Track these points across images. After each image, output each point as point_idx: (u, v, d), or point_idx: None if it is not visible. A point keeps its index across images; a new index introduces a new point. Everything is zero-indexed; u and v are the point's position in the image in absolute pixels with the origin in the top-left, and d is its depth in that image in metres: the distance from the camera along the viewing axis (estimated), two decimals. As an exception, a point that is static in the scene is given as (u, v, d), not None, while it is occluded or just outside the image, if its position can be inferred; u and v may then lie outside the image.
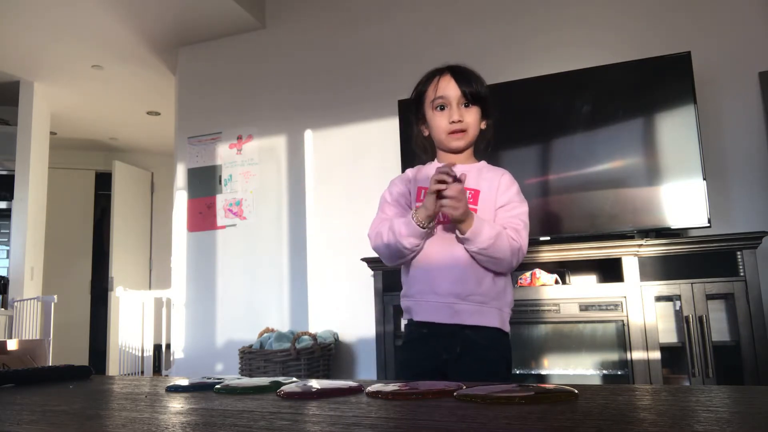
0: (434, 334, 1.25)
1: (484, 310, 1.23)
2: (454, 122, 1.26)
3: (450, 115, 1.27)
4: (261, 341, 2.86)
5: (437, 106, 1.29)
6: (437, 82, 1.29)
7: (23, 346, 2.82)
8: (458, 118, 1.26)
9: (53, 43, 3.83)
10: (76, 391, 0.85)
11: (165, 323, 4.50)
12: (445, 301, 1.23)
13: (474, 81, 1.29)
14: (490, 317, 1.24)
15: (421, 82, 1.35)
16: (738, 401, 0.61)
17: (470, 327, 1.23)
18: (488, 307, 1.24)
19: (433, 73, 1.33)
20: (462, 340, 1.23)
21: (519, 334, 2.49)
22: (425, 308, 1.26)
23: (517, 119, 2.66)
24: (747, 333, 2.10)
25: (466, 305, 1.22)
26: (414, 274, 1.28)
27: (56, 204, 5.30)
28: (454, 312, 1.23)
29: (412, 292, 1.28)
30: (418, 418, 0.55)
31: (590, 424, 0.47)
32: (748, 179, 2.54)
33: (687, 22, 2.70)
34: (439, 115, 1.29)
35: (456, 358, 1.23)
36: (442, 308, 1.23)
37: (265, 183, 3.46)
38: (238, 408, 0.63)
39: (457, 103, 1.27)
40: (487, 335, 1.24)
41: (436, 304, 1.24)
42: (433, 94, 1.30)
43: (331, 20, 3.44)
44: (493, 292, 1.24)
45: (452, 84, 1.28)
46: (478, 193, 1.28)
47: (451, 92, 1.27)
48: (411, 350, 1.31)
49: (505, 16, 3.03)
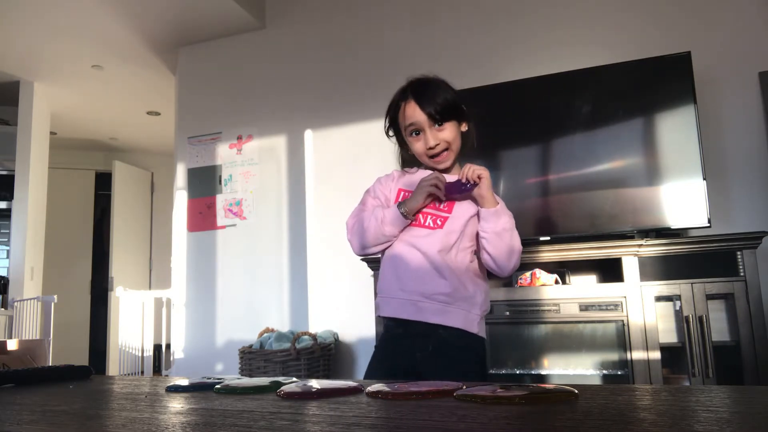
0: (408, 333, 1.27)
1: (449, 310, 1.24)
2: (431, 148, 1.28)
3: (425, 140, 1.28)
4: (261, 341, 2.86)
5: (411, 132, 1.30)
6: (404, 109, 1.30)
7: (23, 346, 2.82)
8: (433, 143, 1.27)
9: (53, 43, 3.83)
10: (76, 391, 0.85)
11: (165, 323, 4.50)
12: (409, 298, 1.26)
13: (437, 96, 1.27)
14: (454, 318, 1.25)
15: (390, 107, 1.37)
16: (738, 401, 0.61)
17: (442, 327, 1.25)
18: (453, 308, 1.25)
19: (397, 99, 1.34)
20: (435, 340, 1.25)
21: (519, 334, 2.49)
22: (392, 305, 1.29)
23: (517, 119, 2.66)
24: (747, 333, 2.10)
25: (430, 304, 1.24)
26: (384, 273, 1.32)
27: (56, 204, 5.30)
28: (417, 309, 1.25)
29: (380, 289, 1.32)
30: (418, 418, 0.55)
31: (590, 424, 0.47)
32: (748, 179, 2.54)
33: (687, 22, 2.70)
34: (416, 140, 1.30)
35: (427, 356, 1.25)
36: (407, 305, 1.26)
37: (265, 183, 3.46)
38: (238, 408, 0.63)
39: (428, 126, 1.27)
40: (461, 336, 1.26)
41: (401, 301, 1.27)
42: (403, 122, 1.31)
43: (330, 20, 3.44)
44: (461, 294, 1.25)
45: (417, 109, 1.27)
46: (453, 203, 1.30)
47: (418, 117, 1.27)
48: (384, 348, 1.33)
49: (505, 16, 3.03)
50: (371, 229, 1.29)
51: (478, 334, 1.28)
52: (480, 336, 1.29)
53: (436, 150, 1.28)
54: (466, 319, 1.26)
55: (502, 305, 2.40)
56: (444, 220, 1.28)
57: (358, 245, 1.34)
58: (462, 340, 1.26)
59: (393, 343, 1.31)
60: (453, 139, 1.29)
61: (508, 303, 2.40)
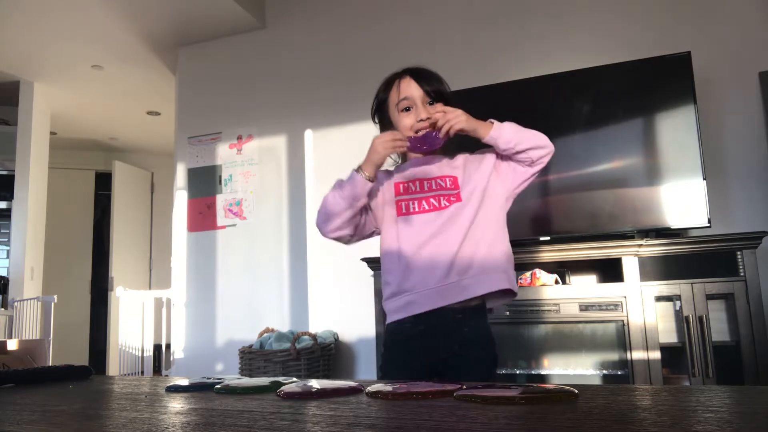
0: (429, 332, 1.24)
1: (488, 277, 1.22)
2: (422, 120, 1.27)
3: (417, 114, 1.28)
4: (261, 341, 2.86)
5: (402, 108, 1.30)
6: (398, 85, 1.31)
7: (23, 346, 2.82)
8: (425, 116, 1.27)
9: (53, 43, 3.83)
10: (76, 391, 0.85)
11: (165, 323, 4.50)
12: (451, 282, 1.21)
13: (434, 80, 1.31)
14: (498, 280, 1.23)
15: (381, 89, 1.36)
16: (738, 401, 0.61)
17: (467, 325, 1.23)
18: (492, 274, 1.23)
19: (392, 77, 1.35)
20: (459, 337, 1.23)
21: (519, 334, 2.49)
22: (428, 296, 1.21)
23: (517, 119, 2.65)
24: (747, 333, 2.10)
25: (469, 280, 1.21)
26: (410, 266, 1.24)
27: (56, 204, 5.31)
28: (461, 289, 1.21)
29: (409, 286, 1.24)
30: (418, 418, 0.55)
31: (590, 424, 0.47)
32: (748, 179, 2.54)
33: (687, 22, 2.70)
34: (405, 115, 1.30)
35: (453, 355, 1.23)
36: (449, 289, 1.21)
37: (265, 183, 3.46)
38: (238, 408, 0.63)
39: (421, 102, 1.28)
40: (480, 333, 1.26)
41: (440, 289, 1.21)
42: (396, 97, 1.30)
43: (331, 20, 3.44)
44: (493, 258, 1.24)
45: (413, 84, 1.29)
46: (456, 178, 1.29)
47: (414, 92, 1.28)
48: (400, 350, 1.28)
49: (505, 16, 3.03)
50: (330, 198, 1.27)
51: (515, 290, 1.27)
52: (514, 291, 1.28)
53: (425, 124, 1.26)
54: (508, 279, 1.24)
55: (502, 305, 2.40)
56: (456, 196, 1.26)
57: (321, 220, 1.30)
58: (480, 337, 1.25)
59: (411, 343, 1.26)
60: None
61: (508, 303, 2.39)
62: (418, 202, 1.28)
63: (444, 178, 1.29)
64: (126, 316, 4.65)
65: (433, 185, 1.29)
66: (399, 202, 1.29)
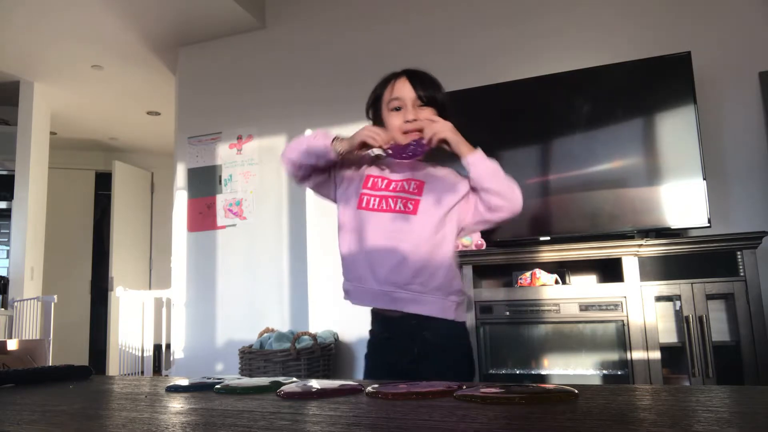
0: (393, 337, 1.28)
1: (424, 299, 1.25)
2: (408, 121, 1.28)
3: (405, 115, 1.29)
4: (261, 341, 2.86)
5: (393, 107, 1.31)
6: (393, 85, 1.33)
7: (23, 346, 2.82)
8: (413, 117, 1.28)
9: (53, 43, 3.83)
10: (76, 391, 0.85)
11: (165, 323, 4.50)
12: (382, 289, 1.26)
13: (429, 85, 1.32)
14: (430, 306, 1.25)
15: (378, 85, 1.38)
16: (738, 401, 0.61)
17: (427, 328, 1.26)
18: (429, 297, 1.25)
19: (390, 76, 1.36)
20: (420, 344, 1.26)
21: (519, 334, 2.49)
22: (364, 294, 1.29)
23: (517, 119, 2.66)
24: (747, 333, 2.10)
25: (405, 293, 1.25)
26: (356, 259, 1.30)
27: (56, 204, 5.30)
28: (391, 300, 1.25)
29: (352, 277, 1.32)
30: (418, 418, 0.55)
31: (590, 424, 0.47)
32: (748, 179, 2.54)
33: (687, 22, 2.70)
34: (395, 115, 1.31)
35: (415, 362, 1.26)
36: (381, 295, 1.26)
37: (265, 183, 3.46)
38: (238, 408, 0.63)
39: (411, 104, 1.29)
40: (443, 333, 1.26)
41: (374, 291, 1.27)
42: (389, 96, 1.32)
43: (331, 20, 3.44)
44: (435, 282, 1.25)
45: (407, 86, 1.30)
46: (423, 184, 1.30)
47: (406, 93, 1.30)
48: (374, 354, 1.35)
49: (505, 16, 3.03)
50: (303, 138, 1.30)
51: (456, 320, 1.28)
52: (459, 321, 1.30)
53: (411, 125, 1.28)
54: (443, 307, 1.26)
55: (502, 305, 2.40)
56: (415, 203, 1.27)
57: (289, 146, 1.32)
58: (445, 338, 1.27)
59: (381, 348, 1.32)
60: None
61: (508, 303, 2.39)
62: (379, 199, 1.30)
63: (410, 181, 1.31)
64: (126, 316, 4.64)
65: (398, 187, 1.31)
66: (362, 194, 1.32)
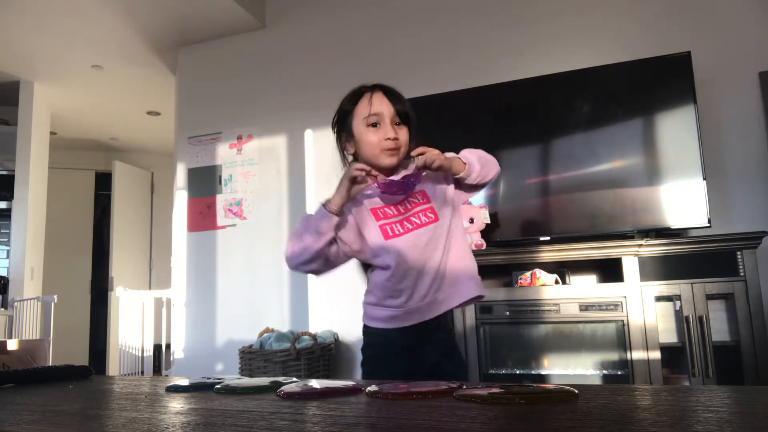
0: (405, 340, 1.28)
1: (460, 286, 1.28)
2: (390, 139, 1.25)
3: (385, 132, 1.26)
4: (261, 341, 2.86)
5: (371, 123, 1.27)
6: (370, 99, 1.28)
7: (23, 346, 2.82)
8: (394, 136, 1.25)
9: (53, 43, 3.83)
10: (76, 391, 0.85)
11: (165, 323, 4.50)
12: (430, 300, 1.27)
13: (404, 101, 1.30)
14: (468, 290, 1.29)
15: (347, 100, 1.34)
16: (738, 401, 0.61)
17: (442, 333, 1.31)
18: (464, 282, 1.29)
19: (360, 90, 1.33)
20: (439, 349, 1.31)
21: (519, 334, 2.49)
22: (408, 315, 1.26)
23: (517, 119, 2.66)
24: (747, 333, 2.10)
25: (444, 293, 1.28)
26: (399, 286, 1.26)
27: (56, 204, 5.30)
28: (439, 303, 1.27)
29: (394, 304, 1.27)
30: (418, 418, 0.55)
31: (590, 424, 0.47)
32: (748, 179, 2.54)
33: (687, 22, 2.70)
34: (373, 131, 1.27)
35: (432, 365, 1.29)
36: (431, 306, 1.27)
37: (265, 183, 3.46)
38: (238, 408, 0.63)
39: (390, 121, 1.27)
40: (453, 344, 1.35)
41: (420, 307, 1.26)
42: (366, 111, 1.27)
43: (330, 20, 3.44)
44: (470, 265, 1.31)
45: (386, 101, 1.27)
46: (424, 191, 1.31)
47: (385, 109, 1.26)
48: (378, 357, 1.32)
49: (505, 16, 3.03)
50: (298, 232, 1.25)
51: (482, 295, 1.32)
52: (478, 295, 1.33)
53: (393, 143, 1.24)
54: (477, 285, 1.30)
55: (502, 305, 2.40)
56: (431, 210, 1.28)
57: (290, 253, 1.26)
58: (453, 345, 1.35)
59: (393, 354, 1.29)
60: (406, 144, 1.29)
61: (508, 303, 2.39)
62: (400, 223, 1.27)
63: (415, 194, 1.30)
64: (126, 316, 4.64)
65: (408, 205, 1.29)
66: (383, 226, 1.27)
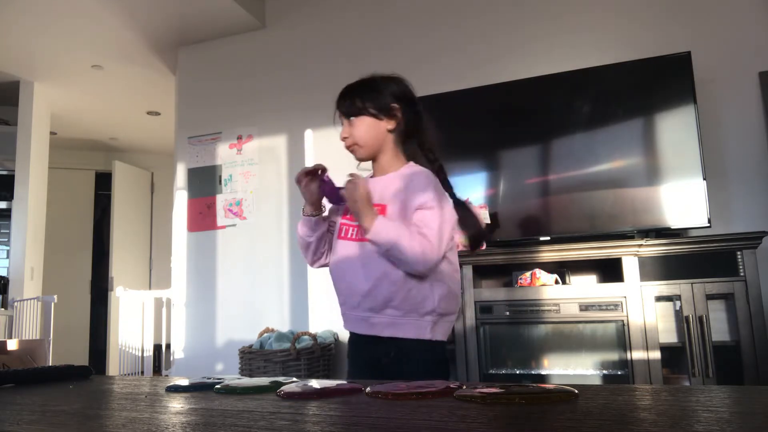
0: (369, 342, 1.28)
1: (400, 322, 1.23)
2: (342, 138, 1.34)
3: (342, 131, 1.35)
4: (261, 341, 2.86)
5: (339, 124, 1.37)
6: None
7: (23, 346, 2.82)
8: (343, 135, 1.33)
9: (53, 43, 3.83)
10: (76, 391, 0.85)
11: (165, 323, 4.50)
12: (361, 315, 1.27)
13: (350, 94, 1.32)
14: (406, 329, 1.22)
15: None
16: (738, 401, 0.61)
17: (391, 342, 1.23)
18: (404, 319, 1.22)
19: None
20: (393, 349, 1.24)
21: (519, 334, 2.49)
22: (349, 320, 1.32)
23: (517, 119, 2.66)
24: (747, 333, 2.10)
25: (380, 318, 1.24)
26: (336, 287, 1.35)
27: (56, 204, 5.30)
28: (370, 325, 1.26)
29: (339, 303, 1.35)
30: (418, 418, 0.55)
31: (590, 424, 0.47)
32: (748, 179, 2.54)
33: (687, 22, 2.70)
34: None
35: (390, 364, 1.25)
36: (360, 321, 1.28)
37: (265, 183, 3.46)
38: (238, 408, 0.63)
39: (343, 120, 1.34)
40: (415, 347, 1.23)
41: (355, 317, 1.29)
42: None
43: (330, 20, 3.44)
44: (409, 303, 1.22)
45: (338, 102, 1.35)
46: (385, 207, 1.27)
47: (339, 110, 1.35)
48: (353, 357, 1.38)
49: (505, 16, 3.03)
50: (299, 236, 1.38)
51: (433, 339, 1.23)
52: (435, 341, 1.24)
53: (344, 143, 1.34)
54: (418, 328, 1.22)
55: (502, 305, 2.40)
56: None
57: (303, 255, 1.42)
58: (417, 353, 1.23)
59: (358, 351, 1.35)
60: (362, 136, 1.31)
61: (508, 303, 2.39)
62: (358, 228, 1.26)
63: (384, 208, 1.27)
64: (126, 316, 4.64)
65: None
66: (343, 225, 1.33)
